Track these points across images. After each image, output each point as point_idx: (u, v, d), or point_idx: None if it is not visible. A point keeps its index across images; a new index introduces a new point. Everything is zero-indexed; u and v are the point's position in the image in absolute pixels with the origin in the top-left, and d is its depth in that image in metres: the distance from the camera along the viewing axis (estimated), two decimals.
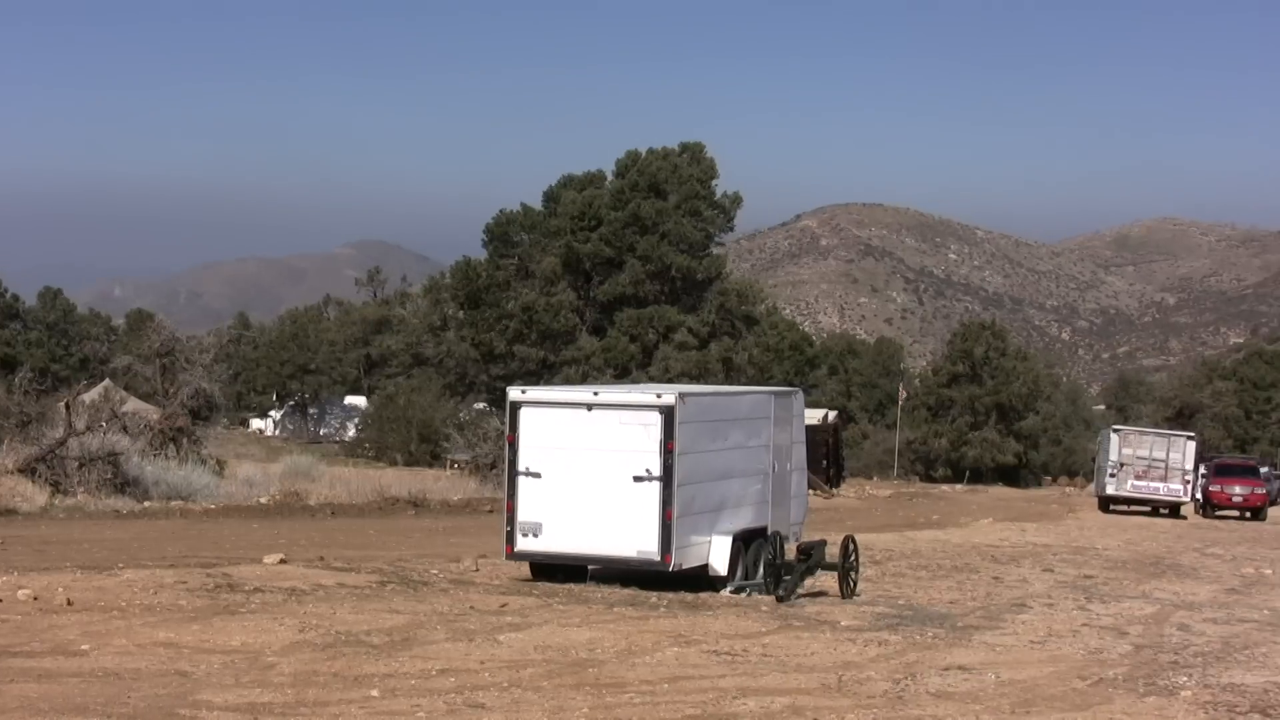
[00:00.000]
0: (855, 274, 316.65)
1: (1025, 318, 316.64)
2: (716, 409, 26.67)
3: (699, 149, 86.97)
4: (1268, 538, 50.12)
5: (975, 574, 31.56)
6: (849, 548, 25.89)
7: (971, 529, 46.62)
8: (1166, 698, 16.87)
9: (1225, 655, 20.73)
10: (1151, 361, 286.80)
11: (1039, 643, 21.15)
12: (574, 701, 15.02)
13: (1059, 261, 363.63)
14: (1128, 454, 60.63)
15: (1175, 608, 26.81)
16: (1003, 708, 15.76)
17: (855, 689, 16.43)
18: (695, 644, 19.01)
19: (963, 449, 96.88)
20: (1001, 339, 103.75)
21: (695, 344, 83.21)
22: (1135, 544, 43.60)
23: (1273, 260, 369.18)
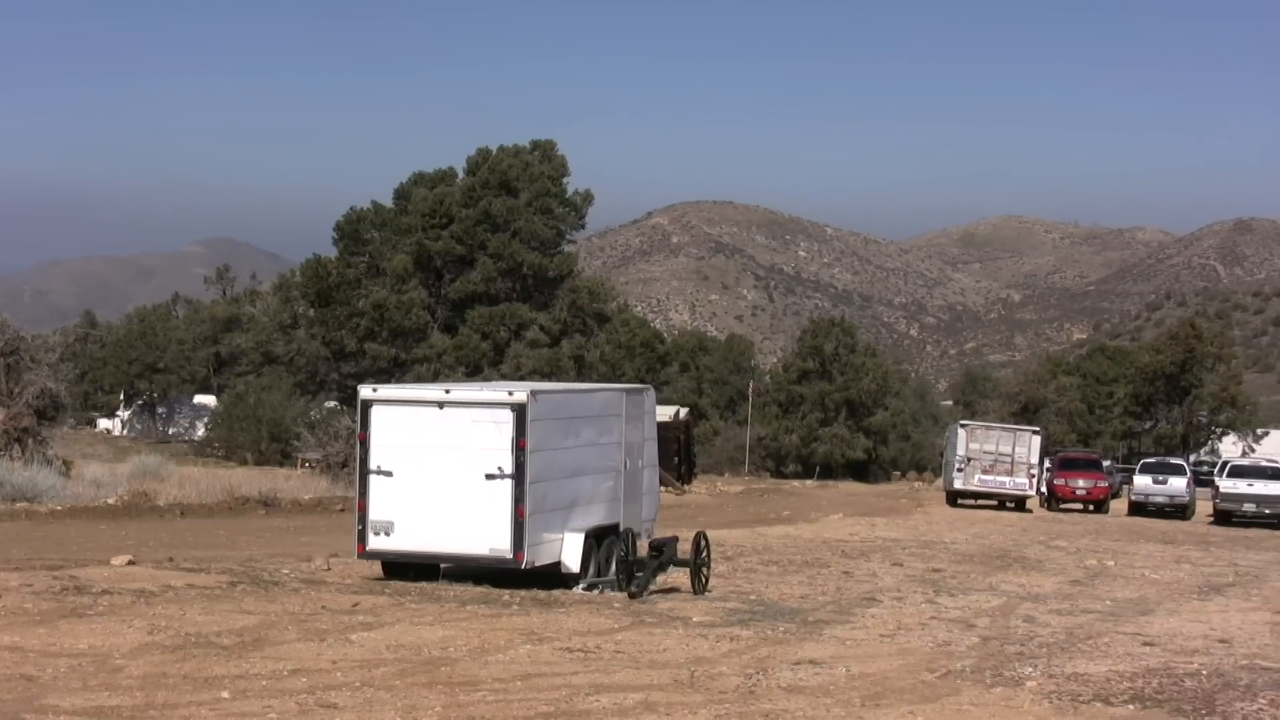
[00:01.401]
0: (706, 271, 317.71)
1: (874, 314, 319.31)
2: (568, 406, 26.71)
3: (550, 147, 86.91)
4: (1110, 530, 50.89)
5: (825, 569, 31.79)
6: (701, 544, 26.00)
7: (822, 524, 46.94)
8: (1012, 688, 17.12)
9: (1069, 645, 21.06)
10: (998, 357, 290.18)
11: (888, 636, 21.36)
12: (427, 700, 14.99)
13: (907, 259, 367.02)
14: (974, 449, 61.30)
15: (1021, 600, 27.17)
16: (853, 701, 15.91)
17: (707, 684, 16.52)
18: (548, 641, 19.03)
19: (813, 445, 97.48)
20: (851, 335, 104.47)
21: (547, 341, 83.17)
22: (982, 537, 44.10)
23: (1114, 257, 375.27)
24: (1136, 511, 60.84)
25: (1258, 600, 29.16)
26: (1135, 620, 24.70)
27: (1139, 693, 17.13)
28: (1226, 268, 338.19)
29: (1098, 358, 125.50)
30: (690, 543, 26.17)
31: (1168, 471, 62.53)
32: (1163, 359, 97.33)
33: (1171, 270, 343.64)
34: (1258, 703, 16.85)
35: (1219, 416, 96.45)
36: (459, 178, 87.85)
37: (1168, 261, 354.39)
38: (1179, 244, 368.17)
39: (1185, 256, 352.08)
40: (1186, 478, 61.97)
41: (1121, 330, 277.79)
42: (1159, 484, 61.27)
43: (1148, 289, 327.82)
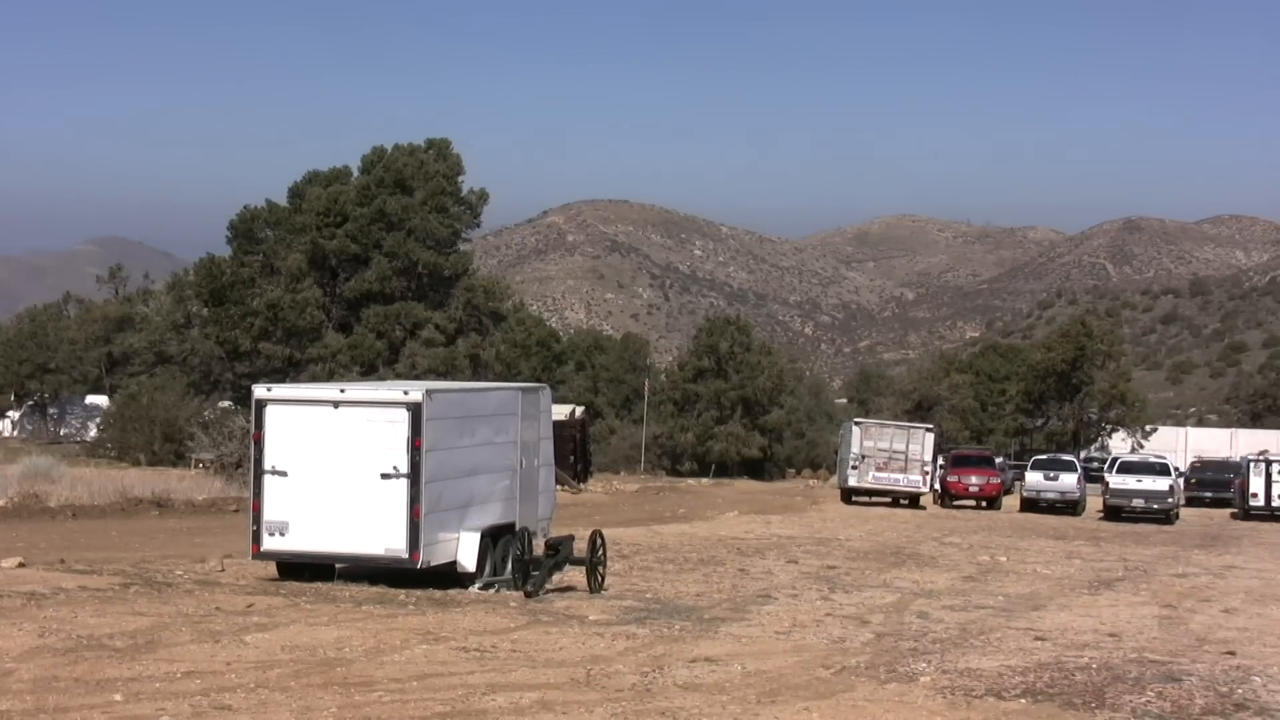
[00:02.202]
0: (602, 270, 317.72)
1: (769, 313, 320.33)
2: (464, 406, 26.68)
3: (445, 145, 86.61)
4: (1002, 526, 51.30)
5: (721, 566, 31.90)
6: (596, 542, 26.05)
7: (717, 522, 47.07)
8: (907, 684, 17.26)
9: (962, 641, 21.25)
10: (891, 355, 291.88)
11: (784, 633, 21.47)
12: (322, 701, 14.95)
13: (802, 257, 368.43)
14: (869, 446, 61.59)
15: (915, 596, 27.38)
16: (749, 698, 15.99)
17: (604, 682, 16.55)
18: (444, 641, 19.01)
19: (708, 443, 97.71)
20: (746, 334, 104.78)
21: (442, 341, 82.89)
22: (876, 534, 44.38)
23: (1006, 256, 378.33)
24: (1028, 508, 61.33)
25: (1146, 594, 29.52)
26: (1027, 615, 24.94)
27: (1031, 687, 17.32)
28: (1116, 266, 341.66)
29: (990, 355, 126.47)
30: (586, 541, 26.22)
31: (1059, 468, 63.08)
32: (1054, 356, 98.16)
33: (1062, 269, 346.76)
34: (1146, 695, 17.07)
35: (1109, 413, 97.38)
36: (354, 176, 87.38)
37: (1059, 260, 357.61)
38: (1070, 243, 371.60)
39: (1076, 255, 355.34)
40: (1077, 474, 62.54)
41: (1013, 328, 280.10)
42: (1050, 480, 61.79)
43: (1039, 287, 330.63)
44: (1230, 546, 45.80)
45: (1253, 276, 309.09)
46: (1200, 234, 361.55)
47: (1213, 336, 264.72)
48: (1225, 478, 71.95)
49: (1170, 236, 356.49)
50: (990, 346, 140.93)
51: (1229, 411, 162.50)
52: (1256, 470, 62.78)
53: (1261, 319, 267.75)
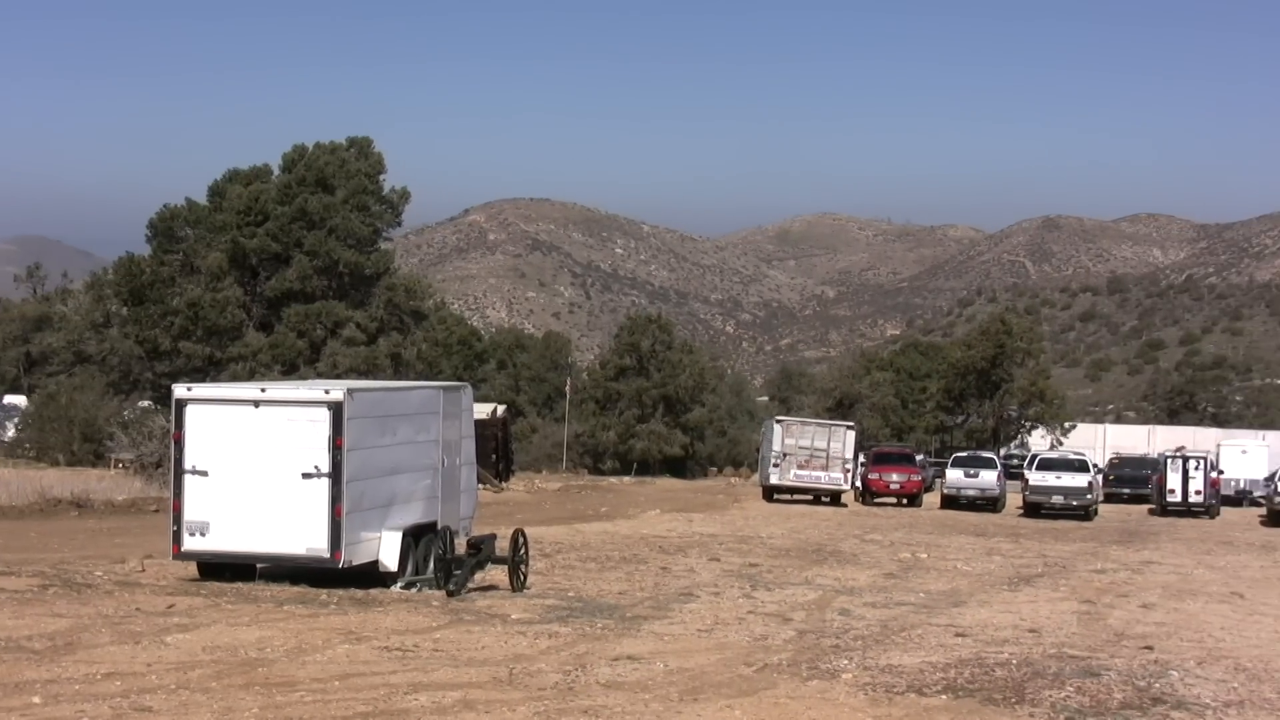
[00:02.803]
0: (523, 269, 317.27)
1: (691, 311, 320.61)
2: (385, 405, 26.62)
3: (367, 144, 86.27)
4: (923, 523, 51.59)
5: (643, 565, 31.95)
6: (519, 541, 26.04)
7: (639, 520, 47.14)
8: (828, 681, 17.34)
9: (884, 638, 21.36)
10: (813, 353, 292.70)
11: (706, 631, 21.52)
12: (243, 702, 14.89)
13: (723, 256, 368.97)
14: (790, 444, 61.75)
15: (836, 593, 27.49)
16: (671, 696, 16.03)
17: (526, 681, 16.56)
18: (366, 640, 18.97)
19: (630, 441, 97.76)
20: (667, 332, 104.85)
21: (364, 340, 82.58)
22: (798, 532, 44.53)
23: (927, 254, 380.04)
24: (949, 505, 61.69)
25: (1065, 590, 29.75)
26: (948, 612, 25.10)
27: (951, 683, 17.43)
28: (1035, 264, 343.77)
29: (911, 353, 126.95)
30: (508, 540, 26.20)
31: (979, 465, 63.47)
32: (974, 354, 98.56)
33: (982, 267, 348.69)
34: (1065, 690, 17.22)
35: (1028, 410, 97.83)
36: (274, 175, 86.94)
37: (979, 258, 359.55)
38: (989, 241, 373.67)
39: (995, 253, 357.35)
40: (997, 471, 62.95)
41: (934, 326, 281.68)
42: (970, 477, 62.16)
43: (959, 285, 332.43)
44: (1148, 542, 46.20)
45: (1170, 275, 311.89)
46: (1118, 232, 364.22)
47: (1130, 334, 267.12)
48: (1143, 474, 72.54)
49: (1089, 235, 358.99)
50: (911, 344, 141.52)
51: (1146, 408, 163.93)
52: (1173, 467, 63.36)
53: (1178, 317, 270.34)
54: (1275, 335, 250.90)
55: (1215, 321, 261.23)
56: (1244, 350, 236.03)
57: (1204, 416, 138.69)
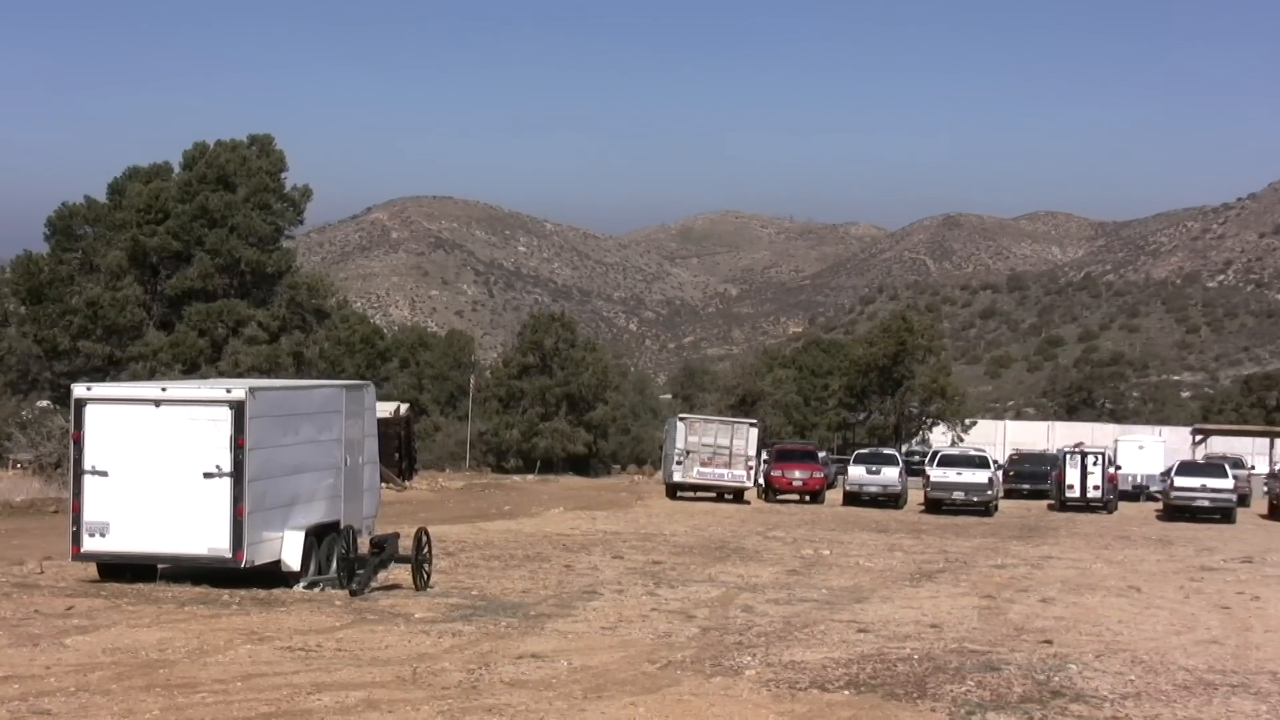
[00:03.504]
0: (426, 267, 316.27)
1: (594, 309, 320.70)
2: (288, 404, 26.50)
3: (268, 141, 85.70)
4: (826, 520, 51.83)
5: (547, 563, 31.95)
6: (422, 540, 25.99)
7: (543, 518, 47.13)
8: (732, 677, 17.42)
9: (787, 634, 21.47)
10: (715, 351, 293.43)
11: (610, 628, 21.56)
12: (144, 703, 14.80)
13: (626, 254, 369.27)
14: (694, 441, 61.86)
15: (740, 590, 27.59)
16: (575, 694, 16.06)
17: (430, 680, 16.55)
18: (269, 641, 18.89)
19: (534, 439, 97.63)
20: (571, 330, 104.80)
21: (266, 338, 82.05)
22: (701, 529, 44.64)
23: (829, 252, 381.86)
24: (851, 501, 61.99)
25: (966, 585, 29.98)
26: (850, 608, 25.25)
27: (854, 678, 17.55)
28: (936, 262, 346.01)
29: (813, 351, 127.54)
30: (412, 539, 26.14)
31: (881, 462, 63.78)
32: (875, 351, 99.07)
33: (884, 264, 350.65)
34: (966, 684, 17.38)
35: (929, 407, 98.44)
36: (175, 172, 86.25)
37: (880, 256, 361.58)
38: (891, 239, 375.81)
39: (897, 251, 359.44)
40: (899, 467, 63.29)
41: (836, 323, 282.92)
42: (872, 474, 62.47)
43: (861, 283, 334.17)
44: (1047, 537, 46.61)
45: (1068, 272, 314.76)
46: (1018, 230, 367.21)
47: (1030, 331, 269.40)
48: (1042, 470, 73.14)
49: (989, 232, 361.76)
50: (813, 342, 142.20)
51: (1046, 404, 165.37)
52: (1072, 462, 63.97)
53: (1077, 314, 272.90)
54: (1171, 332, 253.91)
55: (1113, 318, 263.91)
56: (1141, 347, 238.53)
57: (1102, 413, 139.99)
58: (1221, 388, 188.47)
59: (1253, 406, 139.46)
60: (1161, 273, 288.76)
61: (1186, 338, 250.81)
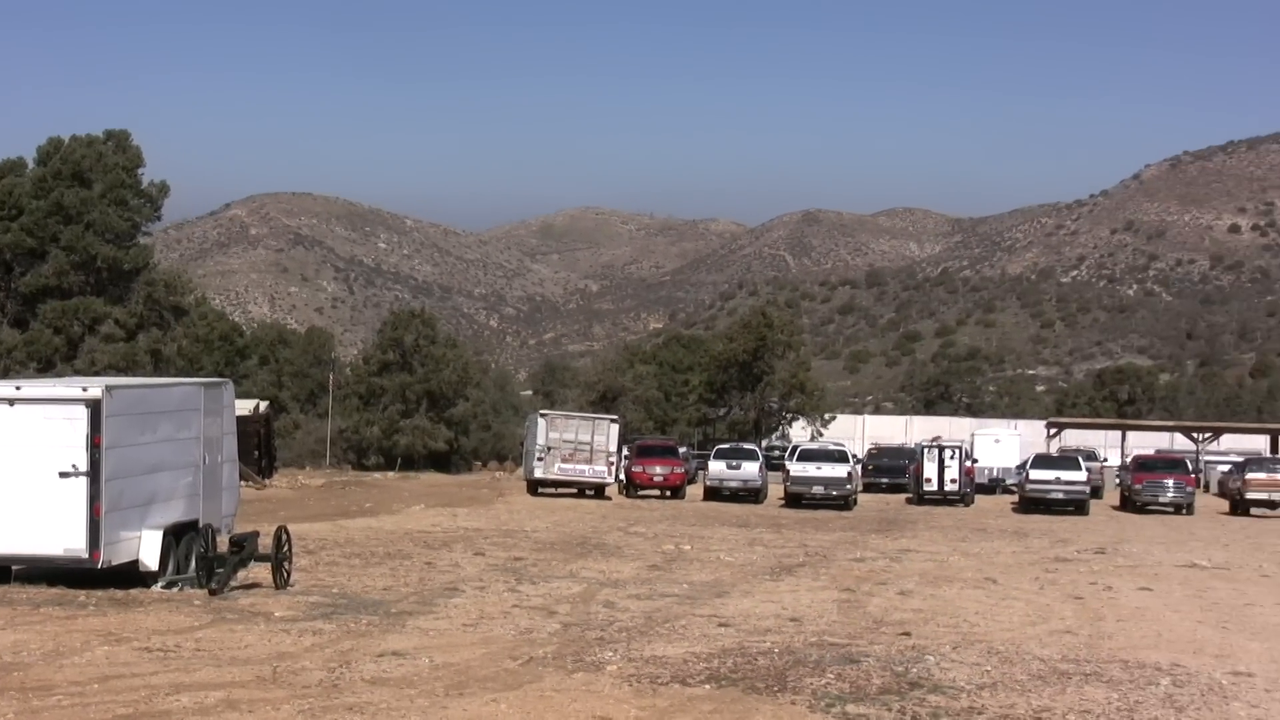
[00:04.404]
0: (285, 263, 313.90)
1: (454, 305, 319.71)
2: (145, 402, 26.24)
3: (125, 137, 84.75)
4: (686, 515, 52.01)
5: (408, 560, 31.85)
6: (282, 538, 25.84)
7: (404, 516, 46.97)
8: (594, 673, 17.47)
9: (648, 629, 21.55)
10: (576, 347, 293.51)
11: (471, 625, 21.56)
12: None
13: (486, 250, 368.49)
14: (554, 438, 61.87)
15: (601, 586, 27.66)
16: (436, 691, 16.05)
17: (290, 679, 16.48)
18: (126, 641, 18.72)
19: (395, 437, 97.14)
20: (431, 327, 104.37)
21: (123, 336, 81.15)
22: (563, 525, 44.68)
23: (689, 248, 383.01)
24: (712, 496, 62.20)
25: (826, 579, 30.22)
26: (711, 602, 25.38)
27: (715, 672, 17.66)
28: (795, 258, 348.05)
29: (673, 346, 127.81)
30: (271, 537, 25.99)
31: (741, 457, 64.02)
32: (735, 347, 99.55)
33: (744, 260, 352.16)
34: (826, 677, 17.54)
35: (789, 402, 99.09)
36: (29, 168, 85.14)
37: (740, 252, 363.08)
38: (750, 235, 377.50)
39: (756, 247, 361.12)
40: (759, 462, 63.58)
41: (696, 319, 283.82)
42: (733, 469, 62.73)
43: (721, 279, 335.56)
44: (905, 530, 47.07)
45: (925, 268, 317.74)
46: (876, 226, 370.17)
47: (888, 326, 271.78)
48: (901, 464, 73.86)
49: (847, 229, 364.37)
50: (673, 337, 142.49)
51: (904, 399, 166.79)
52: (930, 456, 64.66)
53: (934, 309, 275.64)
54: (1026, 327, 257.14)
55: (969, 314, 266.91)
56: (997, 341, 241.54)
57: (959, 407, 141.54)
58: (1075, 382, 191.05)
59: (1105, 400, 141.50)
60: (1016, 269, 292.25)
61: (1041, 332, 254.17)
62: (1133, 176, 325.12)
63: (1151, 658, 20.02)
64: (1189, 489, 63.32)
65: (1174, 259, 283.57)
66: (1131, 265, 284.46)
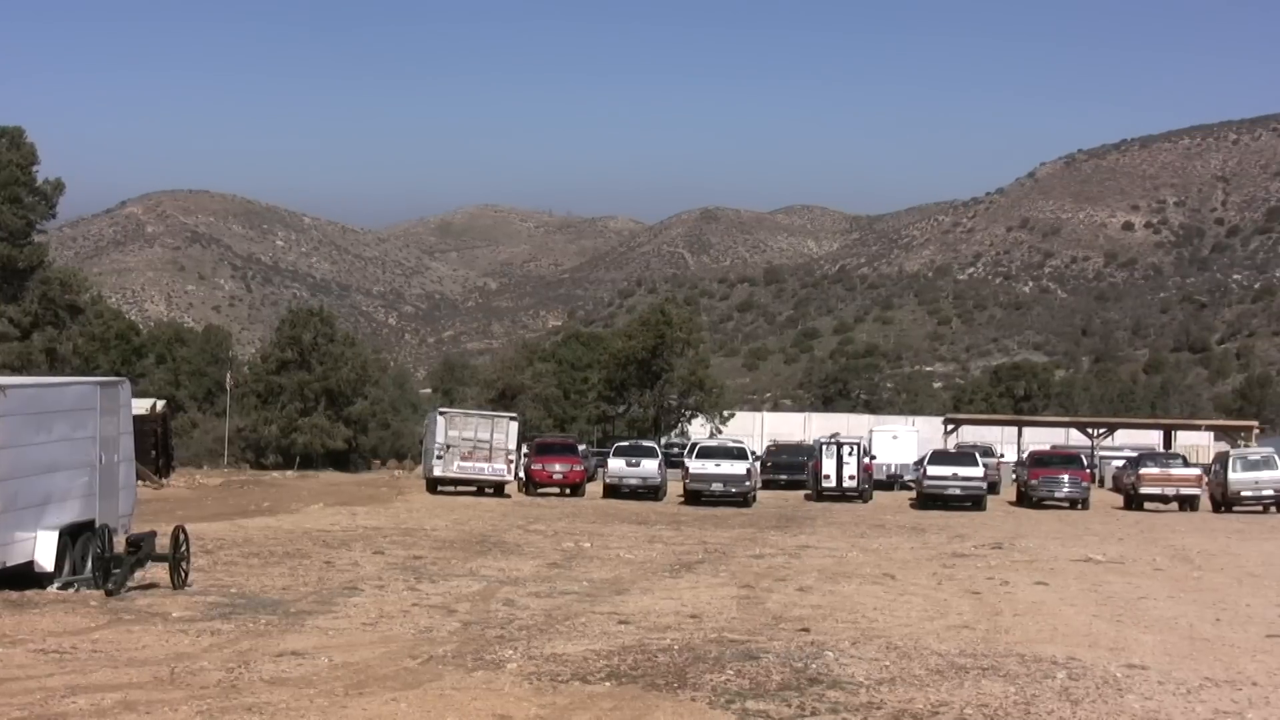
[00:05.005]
0: (182, 261, 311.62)
1: (353, 303, 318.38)
2: (40, 401, 25.97)
3: (18, 134, 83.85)
4: (586, 513, 52.03)
5: (307, 559, 31.70)
6: (179, 538, 25.66)
7: (303, 515, 46.74)
8: (494, 671, 17.47)
9: (548, 627, 21.57)
10: (476, 345, 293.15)
11: (371, 624, 21.50)
12: None
13: (385, 248, 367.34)
14: (454, 436, 61.73)
15: (501, 584, 27.64)
16: (336, 690, 16.01)
17: (188, 680, 16.38)
18: (21, 644, 18.55)
19: (293, 435, 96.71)
20: (329, 325, 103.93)
21: (17, 335, 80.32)
22: (462, 523, 44.60)
23: (587, 246, 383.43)
24: (611, 494, 62.24)
25: (725, 576, 30.32)
26: (611, 600, 25.41)
27: (615, 670, 17.70)
28: (694, 255, 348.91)
29: (572, 344, 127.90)
30: (169, 537, 25.80)
31: (640, 454, 64.07)
32: (634, 344, 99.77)
33: (643, 258, 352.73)
34: (726, 673, 17.62)
35: (688, 399, 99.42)
36: None
37: (639, 250, 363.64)
38: (649, 232, 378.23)
39: (655, 244, 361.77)
40: (658, 460, 63.67)
41: (595, 317, 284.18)
42: (632, 466, 62.79)
43: (620, 276, 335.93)
44: (804, 527, 47.28)
45: (823, 265, 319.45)
46: (774, 224, 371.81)
47: (786, 323, 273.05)
48: (799, 460, 74.26)
49: (745, 226, 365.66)
50: (572, 335, 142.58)
51: (802, 396, 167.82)
52: (828, 452, 65.00)
53: (832, 306, 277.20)
54: (924, 324, 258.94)
55: (867, 311, 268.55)
56: (894, 339, 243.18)
57: (857, 403, 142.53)
58: (972, 378, 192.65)
59: (1001, 396, 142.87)
60: (914, 265, 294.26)
61: (938, 329, 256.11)
62: (1028, 175, 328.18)
63: (1048, 651, 20.22)
64: (1084, 484, 63.98)
65: (1069, 256, 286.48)
66: (1027, 262, 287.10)
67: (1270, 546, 42.50)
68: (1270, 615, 25.23)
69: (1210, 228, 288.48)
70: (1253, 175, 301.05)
